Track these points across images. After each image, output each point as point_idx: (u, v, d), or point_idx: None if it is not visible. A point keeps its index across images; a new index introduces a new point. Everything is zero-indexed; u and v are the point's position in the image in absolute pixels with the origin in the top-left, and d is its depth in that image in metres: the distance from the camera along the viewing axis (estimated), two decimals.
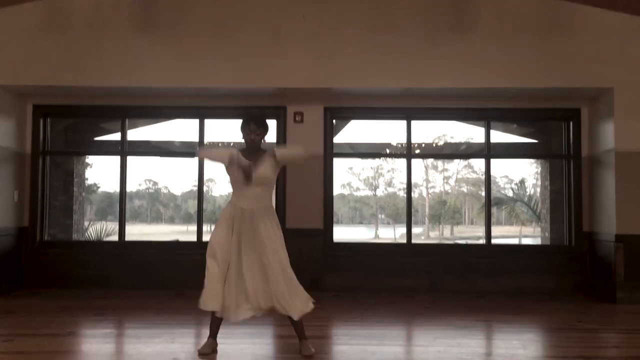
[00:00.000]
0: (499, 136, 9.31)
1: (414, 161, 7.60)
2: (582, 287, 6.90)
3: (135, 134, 8.77)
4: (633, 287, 6.27)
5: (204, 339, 4.17)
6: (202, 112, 7.26)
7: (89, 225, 12.55)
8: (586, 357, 4.08)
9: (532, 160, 24.86)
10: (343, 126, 8.12)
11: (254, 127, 4.09)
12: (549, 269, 6.97)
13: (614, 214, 6.36)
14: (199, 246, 6.75)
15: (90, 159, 21.35)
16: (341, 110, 7.23)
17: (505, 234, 29.66)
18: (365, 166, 37.61)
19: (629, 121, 6.36)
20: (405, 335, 5.16)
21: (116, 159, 7.39)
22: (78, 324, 5.23)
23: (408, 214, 7.47)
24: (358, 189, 40.28)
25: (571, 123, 7.11)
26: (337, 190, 38.17)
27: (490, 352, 4.43)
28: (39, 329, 4.89)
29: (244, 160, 3.95)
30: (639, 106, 6.36)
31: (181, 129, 8.78)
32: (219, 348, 4.06)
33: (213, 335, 4.06)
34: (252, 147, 4.10)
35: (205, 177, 7.41)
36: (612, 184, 6.41)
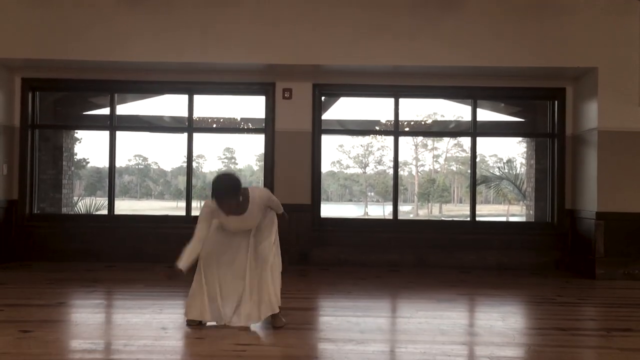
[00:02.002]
0: (486, 115, 9.37)
1: (403, 139, 7.73)
2: (563, 263, 7.08)
3: (125, 109, 8.75)
4: (612, 263, 6.45)
5: None
6: (191, 87, 7.28)
7: (78, 200, 12.57)
8: (562, 328, 4.23)
9: (519, 140, 25.03)
10: (332, 103, 8.15)
11: (229, 203, 3.85)
12: (531, 245, 7.13)
13: (595, 192, 6.50)
14: (188, 220, 6.83)
15: (79, 133, 21.24)
16: (330, 87, 7.28)
17: (493, 213, 29.91)
18: (355, 144, 37.57)
19: (612, 101, 6.47)
20: (389, 307, 5.29)
21: (105, 134, 7.43)
22: (68, 295, 5.32)
23: (395, 190, 7.58)
24: (348, 166, 40.25)
25: (556, 102, 7.22)
26: (327, 167, 38.17)
27: (471, 324, 4.56)
28: (30, 299, 4.98)
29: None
30: (622, 86, 6.47)
31: (171, 104, 8.77)
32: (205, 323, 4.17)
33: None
34: (231, 213, 3.95)
35: (195, 153, 7.46)
36: (595, 163, 6.54)
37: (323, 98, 7.41)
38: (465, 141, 35.07)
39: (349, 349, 3.58)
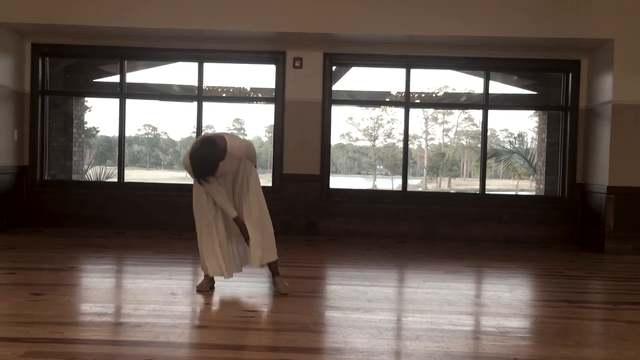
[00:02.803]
0: (498, 87, 9.29)
1: (414, 112, 7.69)
2: (572, 237, 7.06)
3: (134, 77, 8.73)
4: (621, 237, 6.42)
5: (202, 277, 4.31)
6: (201, 55, 7.23)
7: (88, 168, 12.65)
8: (569, 301, 4.24)
9: (531, 114, 24.75)
10: (343, 73, 8.08)
11: (209, 179, 3.87)
12: (540, 219, 7.11)
13: (607, 166, 6.44)
14: None
15: (89, 102, 21.24)
16: (341, 57, 7.20)
17: (502, 187, 29.86)
18: (365, 116, 37.39)
19: (627, 74, 6.36)
20: (397, 277, 5.31)
21: (115, 103, 7.41)
22: (79, 260, 5.38)
23: (404, 162, 7.54)
24: (357, 139, 40.16)
25: (570, 74, 7.11)
26: (336, 140, 38.06)
27: (478, 295, 4.58)
28: (41, 263, 5.04)
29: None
30: (638, 59, 6.35)
31: (180, 73, 8.73)
32: (215, 285, 4.22)
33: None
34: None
35: (204, 123, 7.44)
36: (607, 137, 6.47)
37: (334, 68, 7.34)
38: (476, 114, 34.79)
39: (356, 317, 3.60)
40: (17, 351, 2.76)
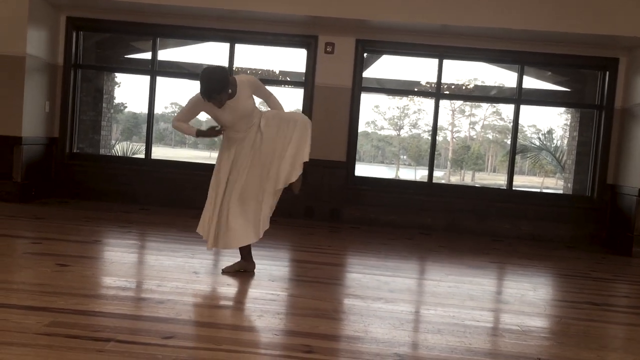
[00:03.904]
0: (531, 82, 9.11)
1: (441, 103, 7.54)
2: (599, 238, 6.94)
3: (166, 55, 8.75)
4: None
5: (223, 257, 4.33)
6: (233, 35, 7.20)
7: (115, 143, 12.77)
8: (595, 303, 4.16)
9: (561, 111, 24.30)
10: (374, 61, 8.00)
11: (216, 97, 3.79)
12: (568, 218, 6.99)
13: None
14: None
15: (119, 78, 21.32)
16: (373, 44, 7.12)
17: (527, 184, 29.45)
18: (391, 105, 37.18)
19: None
20: (419, 269, 5.27)
21: (145, 80, 7.46)
22: (104, 234, 5.44)
23: (431, 153, 7.47)
24: (382, 127, 39.92)
25: (607, 73, 6.94)
26: (361, 127, 37.83)
27: (500, 291, 4.53)
28: (67, 235, 5.11)
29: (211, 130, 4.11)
30: None
31: (211, 53, 8.72)
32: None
33: (243, 256, 4.21)
34: (223, 104, 3.89)
35: None
36: None
37: (365, 55, 7.26)
38: (505, 109, 34.40)
39: (377, 306, 3.58)
40: (43, 320, 2.80)
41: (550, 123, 41.65)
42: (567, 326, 3.55)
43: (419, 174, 30.20)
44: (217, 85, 3.74)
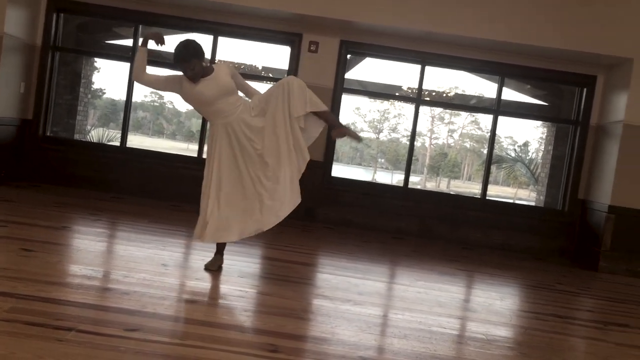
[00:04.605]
0: (510, 94, 9.23)
1: (422, 109, 7.58)
2: (567, 251, 7.04)
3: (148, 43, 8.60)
4: (617, 258, 6.40)
5: (195, 251, 4.28)
6: (217, 28, 7.14)
7: (91, 129, 12.58)
8: (559, 316, 4.21)
9: (538, 124, 24.65)
10: (357, 62, 8.01)
11: (185, 66, 3.79)
12: (538, 230, 7.08)
13: (611, 185, 6.41)
14: (199, 162, 6.80)
15: (98, 63, 21.01)
16: (357, 46, 7.12)
17: (500, 194, 29.83)
18: (372, 108, 37.39)
19: None
20: (389, 273, 5.29)
21: (125, 66, 7.34)
22: (73, 220, 5.35)
23: (409, 158, 7.50)
24: (362, 129, 40.10)
25: (585, 90, 7.05)
26: None
27: (468, 299, 4.56)
28: (35, 219, 5.00)
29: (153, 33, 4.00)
30: None
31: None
32: (204, 263, 4.17)
33: (219, 251, 4.16)
34: (197, 78, 3.85)
35: None
36: (615, 156, 6.43)
37: (349, 56, 7.26)
38: (484, 119, 34.78)
39: (345, 308, 3.58)
40: (3, 306, 2.73)
41: (527, 136, 42.30)
42: (531, 337, 3.59)
43: (396, 178, 30.36)
44: (190, 49, 3.78)
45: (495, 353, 3.12)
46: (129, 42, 7.59)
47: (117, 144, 7.74)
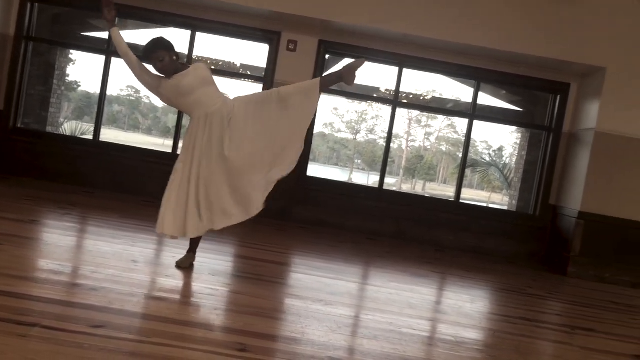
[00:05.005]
0: (486, 99, 9.31)
1: (399, 112, 7.62)
2: (538, 256, 7.13)
3: (124, 36, 8.48)
4: (585, 263, 6.50)
5: (166, 247, 4.23)
6: (194, 23, 7.08)
7: (64, 122, 12.39)
8: (528, 319, 4.26)
9: (513, 129, 24.94)
10: (335, 63, 8.00)
11: (153, 57, 3.77)
12: (510, 234, 7.16)
13: (581, 191, 6.51)
14: (173, 158, 6.71)
15: (74, 55, 20.73)
16: (336, 46, 7.12)
17: (475, 198, 30.15)
18: (350, 109, 37.57)
19: (614, 103, 6.43)
20: (362, 274, 5.29)
21: (101, 59, 7.24)
22: (42, 214, 5.25)
23: (384, 160, 7.52)
24: (340, 130, 40.25)
25: (559, 97, 7.16)
26: (318, 128, 38.00)
27: (439, 301, 4.59)
28: (3, 212, 4.89)
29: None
30: (627, 90, 6.42)
31: (172, 39, 8.51)
32: (175, 260, 4.12)
33: (192, 248, 4.11)
34: (169, 72, 3.81)
35: None
36: (586, 163, 6.53)
37: (327, 56, 7.26)
38: (460, 123, 35.17)
39: (316, 308, 3.57)
40: None
41: (502, 141, 42.85)
42: (500, 340, 3.62)
43: (372, 180, 30.49)
44: (157, 42, 3.79)
45: (464, 355, 3.14)
46: (104, 35, 7.47)
47: (91, 137, 7.61)
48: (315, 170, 8.11)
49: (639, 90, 6.43)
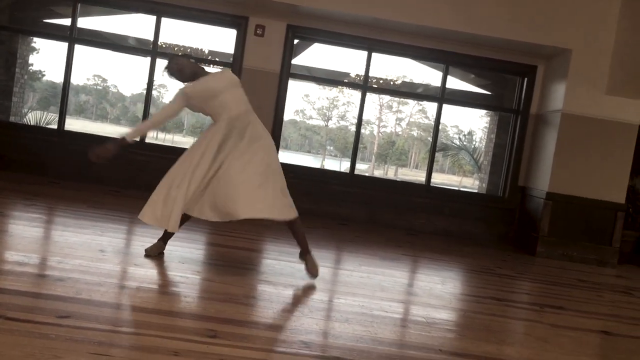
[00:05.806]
0: (455, 83, 9.37)
1: (370, 98, 7.69)
2: (508, 237, 7.24)
3: (88, 23, 8.33)
4: (553, 243, 6.62)
5: (135, 236, 4.17)
6: (159, 8, 6.94)
7: (28, 111, 12.09)
8: (498, 298, 4.32)
9: (482, 113, 25.18)
10: (304, 48, 7.94)
11: (171, 66, 4.03)
12: (480, 216, 7.25)
13: (549, 172, 6.61)
14: (141, 147, 6.62)
15: (37, 43, 20.25)
16: (305, 30, 7.06)
17: (446, 182, 30.47)
18: (321, 95, 37.53)
19: (580, 85, 6.51)
20: (334, 258, 5.29)
21: (64, 46, 7.06)
22: (6, 205, 5.12)
23: (355, 145, 7.52)
24: (311, 117, 40.21)
25: (526, 79, 7.22)
26: (290, 115, 37.91)
27: (410, 284, 4.62)
28: None
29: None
30: (592, 72, 6.51)
31: (137, 25, 8.39)
32: (143, 247, 4.07)
33: (164, 237, 4.05)
34: (186, 74, 3.99)
35: (157, 82, 7.19)
36: (553, 144, 6.62)
37: (296, 41, 7.20)
38: (430, 108, 35.48)
39: (288, 293, 3.57)
40: None
41: (472, 125, 43.30)
42: (470, 320, 3.67)
43: (344, 166, 30.54)
44: (171, 55, 4.06)
45: (434, 335, 3.17)
46: (67, 22, 7.28)
47: (55, 127, 7.44)
48: (287, 157, 8.07)
49: (604, 72, 6.53)
